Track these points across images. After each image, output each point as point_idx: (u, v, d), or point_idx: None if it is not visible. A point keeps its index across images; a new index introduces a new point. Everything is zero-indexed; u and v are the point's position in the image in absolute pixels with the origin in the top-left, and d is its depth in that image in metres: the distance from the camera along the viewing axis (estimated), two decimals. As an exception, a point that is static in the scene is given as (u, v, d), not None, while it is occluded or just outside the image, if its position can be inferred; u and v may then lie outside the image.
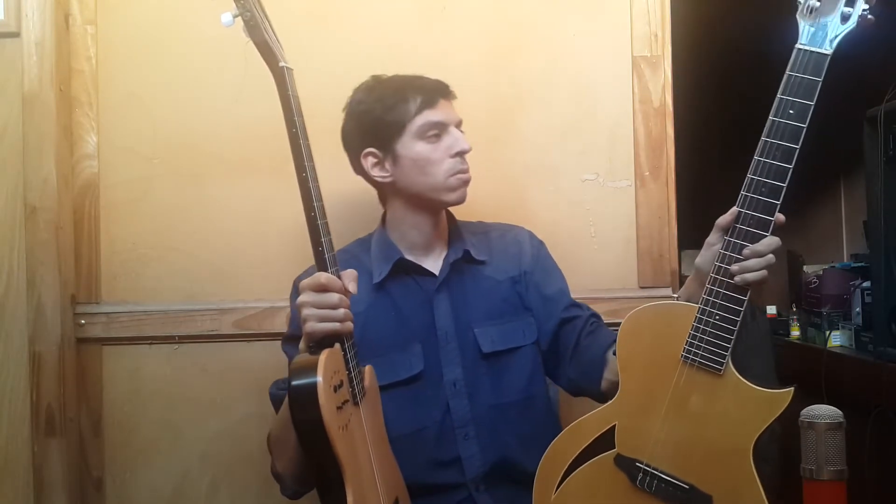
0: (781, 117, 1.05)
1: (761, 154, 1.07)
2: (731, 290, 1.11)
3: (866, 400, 1.91)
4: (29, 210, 1.52)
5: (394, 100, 1.32)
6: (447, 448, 1.32)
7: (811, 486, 1.07)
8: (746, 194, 1.09)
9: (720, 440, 1.13)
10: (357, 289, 1.15)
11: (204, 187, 1.61)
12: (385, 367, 1.31)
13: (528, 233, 1.47)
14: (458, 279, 1.38)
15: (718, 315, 1.11)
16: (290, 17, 1.60)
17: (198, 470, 1.60)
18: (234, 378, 1.59)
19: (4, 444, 1.52)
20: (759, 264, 1.10)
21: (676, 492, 1.14)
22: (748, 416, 1.11)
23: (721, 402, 1.13)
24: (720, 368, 1.12)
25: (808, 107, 1.04)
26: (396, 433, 1.29)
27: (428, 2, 1.63)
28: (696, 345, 1.14)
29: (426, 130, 1.31)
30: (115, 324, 1.58)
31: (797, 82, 1.05)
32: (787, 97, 1.05)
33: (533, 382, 1.38)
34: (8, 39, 1.52)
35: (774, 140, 1.06)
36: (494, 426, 1.34)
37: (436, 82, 1.34)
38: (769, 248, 1.11)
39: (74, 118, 1.59)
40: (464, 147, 1.32)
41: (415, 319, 1.35)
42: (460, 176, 1.32)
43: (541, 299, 1.40)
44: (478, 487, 1.32)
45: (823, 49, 1.04)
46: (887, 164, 1.92)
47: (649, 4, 1.63)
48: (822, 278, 2.44)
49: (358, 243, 1.44)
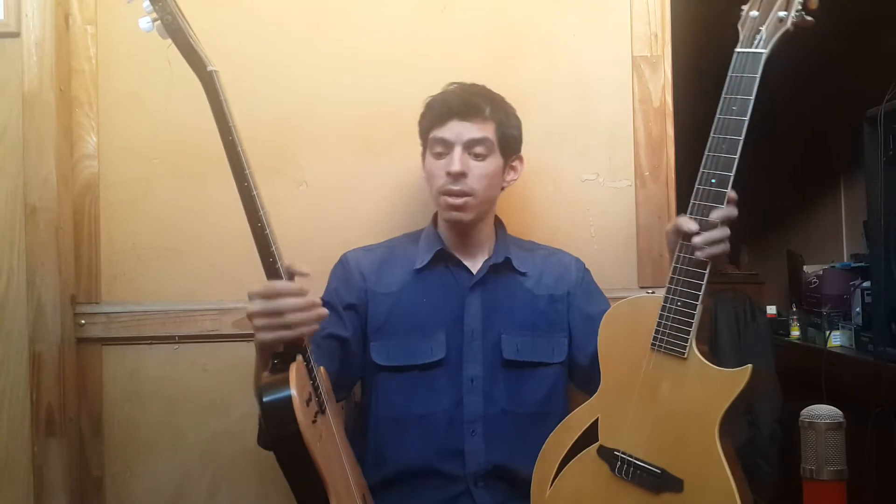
0: (726, 114, 1.15)
1: (710, 150, 1.16)
2: (689, 276, 1.16)
3: (866, 400, 1.91)
4: (29, 210, 1.52)
5: (422, 112, 1.39)
6: (453, 439, 1.35)
7: (811, 486, 1.08)
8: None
9: (687, 423, 1.16)
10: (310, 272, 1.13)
11: (204, 187, 1.61)
12: (407, 349, 1.36)
13: (575, 258, 1.49)
14: (494, 282, 1.40)
15: (680, 301, 1.17)
16: (289, 16, 1.61)
17: (198, 470, 1.60)
18: (234, 378, 1.59)
19: (4, 444, 1.52)
20: (720, 234, 1.15)
21: (650, 477, 1.17)
22: (711, 397, 1.14)
23: (686, 385, 1.16)
24: (683, 352, 1.16)
25: (748, 101, 1.13)
26: (406, 413, 1.34)
27: (428, 2, 1.63)
28: (661, 331, 1.19)
29: (434, 146, 1.36)
30: (115, 324, 1.58)
31: (737, 81, 1.14)
32: (729, 95, 1.15)
33: (551, 399, 1.39)
34: (8, 39, 1.52)
35: (721, 135, 1.15)
36: (504, 430, 1.36)
37: (457, 100, 1.36)
38: (725, 216, 1.15)
39: (74, 118, 1.59)
40: (451, 168, 1.33)
41: (444, 311, 1.38)
42: (446, 198, 1.35)
43: (583, 319, 1.41)
44: (476, 483, 1.34)
45: (758, 49, 1.13)
46: (887, 164, 1.92)
47: (649, 4, 1.63)
48: (822, 278, 2.45)
49: (405, 236, 1.49)
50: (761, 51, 1.12)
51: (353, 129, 1.62)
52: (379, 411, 1.37)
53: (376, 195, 1.62)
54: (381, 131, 1.61)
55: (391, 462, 1.35)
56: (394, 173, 1.60)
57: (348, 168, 1.61)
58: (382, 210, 1.61)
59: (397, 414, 1.35)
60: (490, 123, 1.35)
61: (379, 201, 1.61)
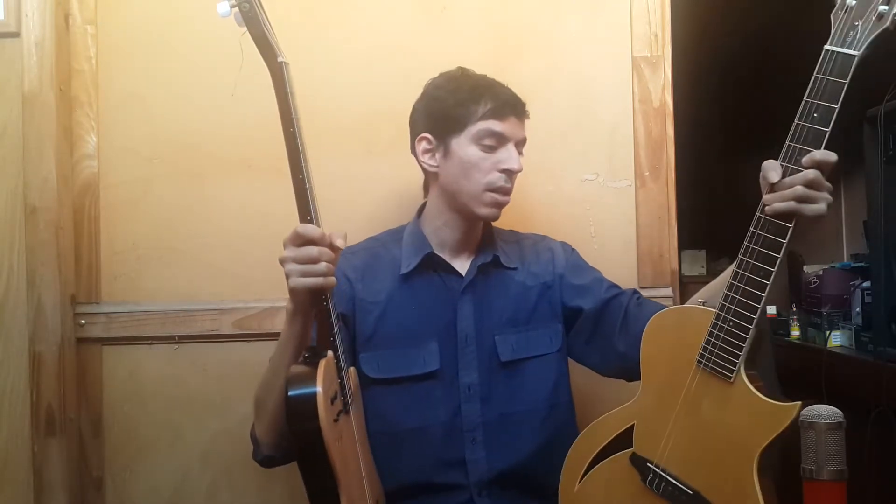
0: (806, 121, 1.03)
1: (783, 158, 1.06)
2: (745, 297, 1.09)
3: (866, 400, 1.91)
4: (29, 210, 1.52)
5: (467, 96, 1.30)
6: (453, 449, 1.31)
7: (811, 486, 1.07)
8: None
9: (726, 449, 1.12)
10: (345, 244, 1.13)
11: (204, 187, 1.61)
12: (398, 360, 1.31)
13: (561, 242, 1.47)
14: (484, 283, 1.37)
15: (732, 321, 1.10)
16: (289, 15, 1.61)
17: (198, 470, 1.60)
18: (234, 378, 1.59)
19: (4, 444, 1.52)
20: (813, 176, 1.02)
21: (682, 496, 1.14)
22: (753, 428, 1.10)
23: (729, 410, 1.12)
24: (730, 375, 1.11)
25: (832, 110, 1.01)
26: (401, 427, 1.29)
27: (428, 2, 1.63)
28: (709, 349, 1.13)
29: (483, 137, 1.29)
30: (115, 324, 1.58)
31: (822, 84, 1.01)
32: (812, 100, 1.02)
33: (557, 390, 1.37)
34: (8, 39, 1.52)
35: (797, 144, 1.04)
36: (505, 433, 1.32)
37: (514, 97, 1.33)
38: (823, 160, 1.02)
39: (74, 118, 1.59)
40: (513, 166, 1.29)
41: (436, 317, 1.34)
42: (496, 195, 1.30)
43: (577, 292, 1.39)
44: (480, 492, 1.31)
45: (852, 51, 1.00)
46: (887, 164, 1.92)
47: (649, 4, 1.63)
48: (822, 278, 2.44)
49: (388, 233, 1.44)
50: (854, 52, 0.99)
51: (353, 129, 1.62)
52: (372, 426, 1.28)
53: (376, 194, 1.61)
54: (381, 131, 1.61)
55: (389, 478, 1.29)
56: (394, 173, 1.60)
57: (348, 167, 1.61)
58: (382, 209, 1.60)
59: (391, 428, 1.29)
60: (524, 123, 1.35)
61: (379, 200, 1.61)
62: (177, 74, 1.61)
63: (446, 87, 1.33)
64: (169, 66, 1.61)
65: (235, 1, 1.06)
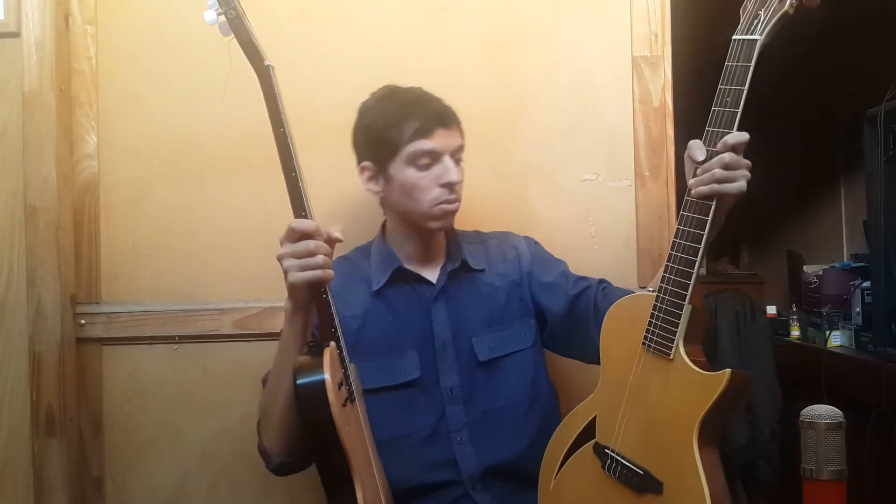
0: (720, 105, 1.11)
1: (704, 142, 1.13)
2: (678, 276, 1.14)
3: (866, 400, 1.91)
4: (29, 210, 1.52)
5: (394, 119, 1.31)
6: (442, 451, 1.33)
7: (811, 486, 1.07)
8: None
9: (669, 425, 1.15)
10: (343, 237, 1.15)
11: (204, 187, 1.61)
12: (380, 371, 1.33)
13: (523, 237, 1.49)
14: (456, 288, 1.39)
15: (668, 300, 1.15)
16: (289, 15, 1.61)
17: (198, 470, 1.60)
18: (234, 378, 1.59)
19: (4, 444, 1.52)
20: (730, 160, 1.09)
21: (634, 477, 1.17)
22: (690, 400, 1.12)
23: (670, 386, 1.15)
24: (669, 353, 1.15)
25: (741, 92, 1.09)
26: (387, 435, 1.29)
27: (428, 2, 1.63)
28: (651, 330, 1.18)
29: (416, 158, 1.30)
30: (115, 324, 1.58)
31: (732, 70, 1.09)
32: (724, 86, 1.10)
33: (537, 383, 1.39)
34: (8, 39, 1.52)
35: (715, 129, 1.11)
36: (490, 430, 1.35)
37: (438, 109, 1.33)
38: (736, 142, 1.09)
39: (74, 118, 1.59)
40: (452, 179, 1.31)
41: (412, 327, 1.36)
42: (445, 206, 1.32)
43: (545, 290, 1.41)
44: (474, 486, 1.33)
45: (755, 36, 1.08)
46: (887, 164, 1.92)
47: (649, 4, 1.62)
48: (822, 278, 2.45)
49: (358, 251, 1.46)
50: (756, 37, 1.07)
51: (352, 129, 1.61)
52: None
53: (376, 195, 1.61)
54: (381, 131, 1.61)
55: None
56: (394, 173, 1.60)
57: (348, 167, 1.61)
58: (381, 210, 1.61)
59: (379, 436, 1.28)
60: (459, 128, 1.35)
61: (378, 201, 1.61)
62: (177, 75, 1.61)
63: (374, 109, 1.35)
64: (169, 67, 1.61)
65: (222, 9, 1.09)
